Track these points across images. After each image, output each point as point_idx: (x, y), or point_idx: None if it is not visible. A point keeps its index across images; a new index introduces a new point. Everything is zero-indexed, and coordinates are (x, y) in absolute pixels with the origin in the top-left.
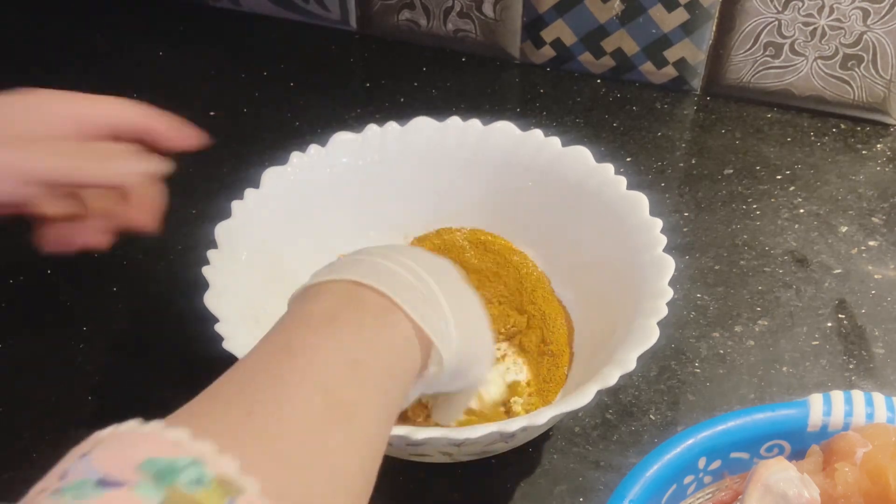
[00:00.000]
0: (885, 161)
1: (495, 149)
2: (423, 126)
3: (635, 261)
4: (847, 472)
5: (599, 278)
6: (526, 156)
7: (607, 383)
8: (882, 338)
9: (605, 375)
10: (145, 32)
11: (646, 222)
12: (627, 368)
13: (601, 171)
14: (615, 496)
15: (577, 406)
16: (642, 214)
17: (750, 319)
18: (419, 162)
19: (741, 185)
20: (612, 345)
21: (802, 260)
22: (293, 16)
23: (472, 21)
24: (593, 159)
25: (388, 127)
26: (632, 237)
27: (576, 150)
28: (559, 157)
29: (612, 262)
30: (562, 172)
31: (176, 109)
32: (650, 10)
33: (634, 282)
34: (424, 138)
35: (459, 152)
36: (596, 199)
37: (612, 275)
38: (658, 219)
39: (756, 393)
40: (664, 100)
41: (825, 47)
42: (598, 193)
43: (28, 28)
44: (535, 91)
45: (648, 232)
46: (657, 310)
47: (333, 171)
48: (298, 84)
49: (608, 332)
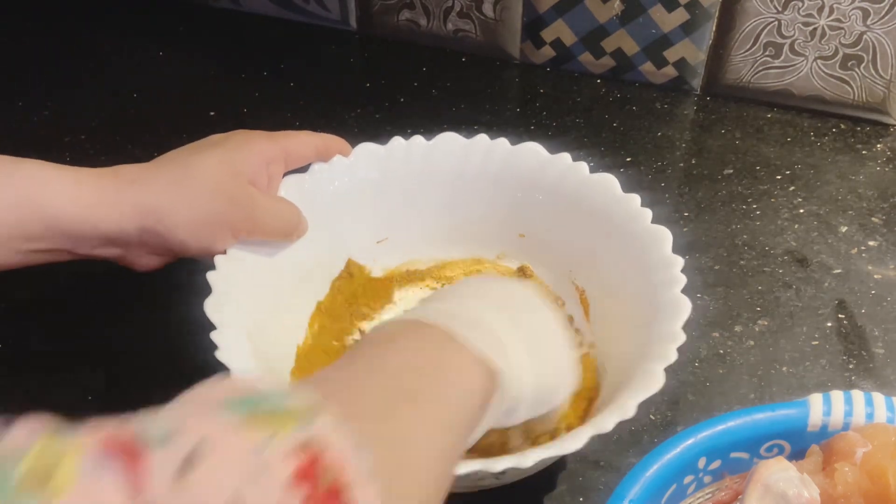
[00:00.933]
0: (885, 161)
1: (521, 170)
2: (449, 142)
3: (652, 298)
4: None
5: (613, 309)
6: (552, 179)
7: (603, 429)
8: (882, 338)
9: (602, 421)
10: (145, 32)
11: (667, 259)
12: (626, 415)
13: (627, 202)
14: (615, 496)
15: (568, 451)
16: (665, 250)
17: (750, 319)
18: (443, 179)
19: (741, 185)
20: (616, 384)
21: (802, 260)
22: (293, 16)
23: (472, 21)
24: (620, 188)
25: (414, 141)
26: (652, 273)
27: (603, 178)
28: (586, 182)
29: (628, 295)
30: (587, 199)
31: (176, 109)
32: (650, 10)
33: (648, 320)
34: (450, 155)
35: (485, 171)
36: (620, 229)
37: (626, 308)
38: (679, 257)
39: (756, 393)
40: (664, 100)
41: (825, 47)
42: (622, 224)
43: (28, 28)
44: (535, 91)
45: (668, 269)
46: (666, 355)
47: (353, 182)
48: (298, 84)
49: (614, 368)
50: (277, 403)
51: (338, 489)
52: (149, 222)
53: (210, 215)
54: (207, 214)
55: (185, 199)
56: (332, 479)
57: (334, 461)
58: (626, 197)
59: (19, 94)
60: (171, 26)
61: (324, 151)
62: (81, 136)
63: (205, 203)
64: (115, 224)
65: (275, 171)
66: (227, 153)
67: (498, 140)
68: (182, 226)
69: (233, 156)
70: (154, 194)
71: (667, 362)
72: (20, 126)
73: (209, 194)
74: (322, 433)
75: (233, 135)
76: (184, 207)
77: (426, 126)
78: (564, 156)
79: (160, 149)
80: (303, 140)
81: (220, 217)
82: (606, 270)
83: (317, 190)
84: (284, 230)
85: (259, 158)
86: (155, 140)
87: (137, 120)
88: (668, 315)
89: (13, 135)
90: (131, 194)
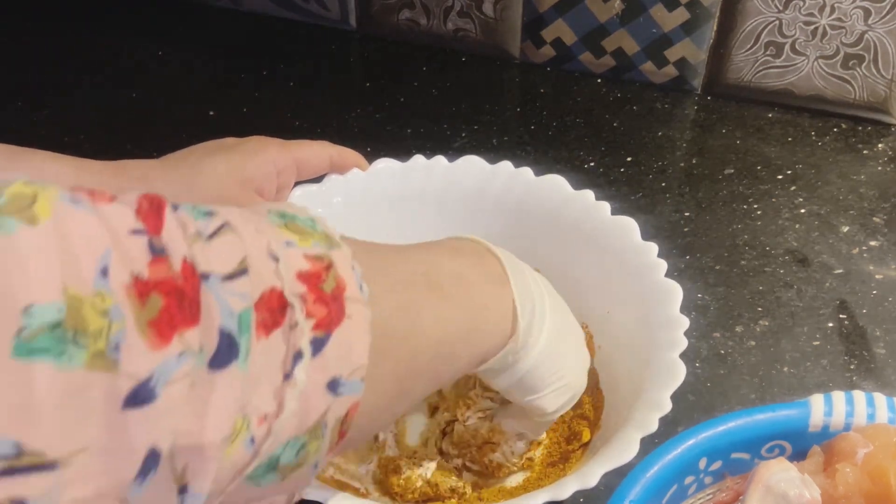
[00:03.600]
0: (887, 161)
1: (545, 202)
2: (470, 166)
3: (650, 358)
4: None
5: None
6: (573, 215)
7: (559, 496)
8: (883, 338)
9: (560, 486)
10: (145, 32)
11: (673, 320)
12: (587, 485)
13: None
14: (615, 496)
15: (625, 461)
16: (672, 310)
17: (751, 320)
18: (460, 203)
19: (742, 184)
20: (637, 380)
21: (803, 260)
22: (293, 16)
23: (472, 20)
24: (639, 234)
25: (436, 161)
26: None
27: (623, 222)
28: (610, 225)
29: (629, 350)
30: (608, 242)
31: (176, 109)
32: (651, 10)
33: (641, 381)
34: (471, 178)
35: (505, 199)
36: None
37: (625, 363)
38: (685, 318)
39: (757, 393)
40: (664, 99)
41: (826, 47)
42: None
43: (28, 28)
44: (535, 91)
45: (672, 331)
46: (647, 424)
47: (367, 196)
48: (298, 84)
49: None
50: (311, 224)
51: (336, 295)
52: None
53: None
54: None
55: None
56: (334, 286)
57: (339, 275)
58: (644, 246)
59: (19, 94)
60: (171, 26)
61: (339, 164)
62: (81, 136)
63: None
64: None
65: (285, 180)
66: (237, 160)
67: (522, 168)
68: None
69: (243, 163)
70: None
71: (647, 432)
72: (20, 126)
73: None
74: (337, 256)
75: (247, 141)
76: None
77: (426, 126)
78: (588, 193)
79: (160, 149)
80: (316, 151)
81: None
82: (614, 318)
83: (328, 202)
84: None
85: (270, 167)
86: (155, 140)
87: (137, 120)
88: (659, 381)
89: (13, 135)
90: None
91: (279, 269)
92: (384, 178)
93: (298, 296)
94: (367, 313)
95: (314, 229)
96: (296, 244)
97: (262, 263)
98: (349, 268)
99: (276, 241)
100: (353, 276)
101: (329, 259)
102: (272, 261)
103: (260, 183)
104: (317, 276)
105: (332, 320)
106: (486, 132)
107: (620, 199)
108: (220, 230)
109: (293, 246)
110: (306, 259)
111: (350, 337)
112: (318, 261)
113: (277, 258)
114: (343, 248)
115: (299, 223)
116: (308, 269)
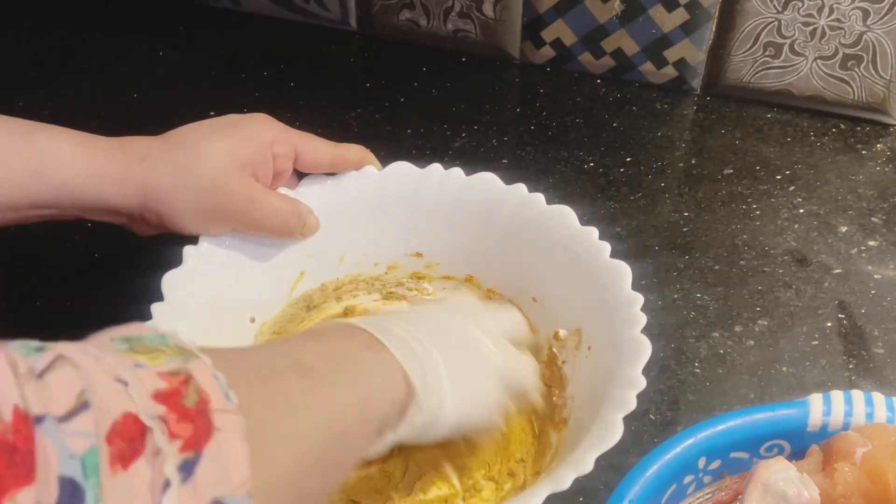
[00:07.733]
0: (885, 161)
1: (554, 233)
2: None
3: (612, 338)
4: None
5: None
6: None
7: (560, 487)
8: (882, 338)
9: (559, 477)
10: (145, 32)
11: (627, 297)
12: (583, 471)
13: (585, 235)
14: (615, 496)
15: (612, 442)
16: (625, 288)
17: (750, 319)
18: (401, 205)
19: (741, 185)
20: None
21: (802, 260)
22: (293, 16)
23: (472, 21)
24: (577, 221)
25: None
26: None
27: (561, 209)
28: (548, 215)
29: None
30: (548, 231)
31: (176, 109)
32: (650, 10)
33: (608, 362)
34: (405, 182)
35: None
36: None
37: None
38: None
39: (756, 393)
40: (664, 100)
41: (825, 47)
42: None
43: (28, 28)
44: (535, 91)
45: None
46: (626, 402)
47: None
48: (298, 84)
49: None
50: (162, 340)
51: (201, 409)
52: (151, 203)
53: (208, 208)
54: (205, 207)
55: (187, 188)
56: (197, 399)
57: (201, 387)
58: (584, 230)
59: (19, 94)
60: (171, 26)
61: (340, 163)
62: None
63: (205, 197)
64: (121, 200)
65: (282, 166)
66: (235, 145)
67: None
68: (181, 212)
69: (241, 149)
70: (158, 177)
71: (626, 410)
72: None
73: (210, 189)
74: (196, 368)
75: (249, 120)
76: (184, 196)
77: (426, 126)
78: (520, 187)
79: None
80: (319, 145)
81: (218, 211)
82: (568, 306)
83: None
84: (281, 228)
85: (268, 150)
86: None
87: (137, 120)
88: (628, 359)
89: None
90: (138, 173)
91: (130, 391)
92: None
93: (157, 417)
94: (239, 422)
95: (165, 345)
96: (146, 364)
97: (107, 392)
98: (211, 378)
99: (121, 366)
100: (216, 386)
101: (187, 372)
102: (120, 385)
103: (255, 168)
104: (175, 393)
105: (199, 437)
106: (486, 132)
107: (620, 199)
108: (52, 364)
109: (143, 367)
110: (160, 377)
111: (224, 452)
112: (174, 376)
113: (126, 382)
114: (201, 358)
115: (147, 342)
116: (164, 387)
